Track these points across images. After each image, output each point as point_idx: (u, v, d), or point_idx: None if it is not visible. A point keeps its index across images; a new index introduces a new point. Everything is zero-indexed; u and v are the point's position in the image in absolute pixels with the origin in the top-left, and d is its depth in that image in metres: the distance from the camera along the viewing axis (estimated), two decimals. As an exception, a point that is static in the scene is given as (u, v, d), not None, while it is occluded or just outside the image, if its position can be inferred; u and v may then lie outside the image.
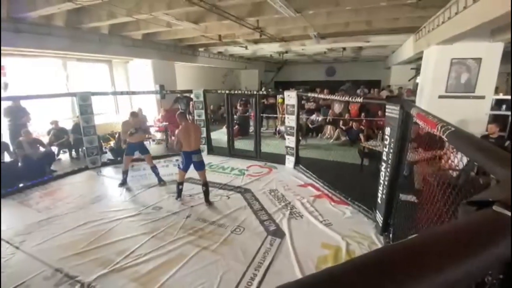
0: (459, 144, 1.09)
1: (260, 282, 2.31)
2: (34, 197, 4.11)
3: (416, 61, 8.26)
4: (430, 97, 4.87)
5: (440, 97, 4.77)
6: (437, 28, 4.47)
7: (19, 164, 4.76)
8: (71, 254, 2.70)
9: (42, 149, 5.11)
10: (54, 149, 5.84)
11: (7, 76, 5.71)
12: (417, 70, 9.44)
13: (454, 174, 3.48)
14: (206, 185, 3.77)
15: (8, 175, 4.50)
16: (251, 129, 8.35)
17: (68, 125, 6.52)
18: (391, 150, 2.65)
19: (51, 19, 4.98)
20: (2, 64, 5.63)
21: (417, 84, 9.55)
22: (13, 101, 5.25)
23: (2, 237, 3.03)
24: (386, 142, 2.75)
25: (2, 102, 5.08)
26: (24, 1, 4.24)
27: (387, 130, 2.74)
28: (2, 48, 4.96)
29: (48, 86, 6.52)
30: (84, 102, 5.20)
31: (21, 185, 4.42)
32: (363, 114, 7.33)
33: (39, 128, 6.07)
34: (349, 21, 5.43)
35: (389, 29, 5.85)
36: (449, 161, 2.93)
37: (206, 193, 3.78)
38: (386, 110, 2.72)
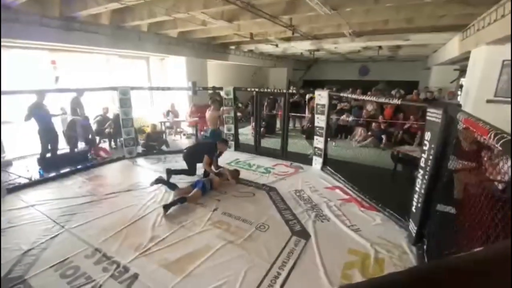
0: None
1: (283, 282, 2.31)
2: (78, 181, 4.50)
3: (460, 62, 7.63)
4: (476, 101, 4.51)
5: (489, 101, 4.38)
6: (487, 27, 4.10)
7: (68, 144, 5.26)
8: (109, 236, 2.92)
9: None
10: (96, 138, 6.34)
11: (58, 70, 6.27)
12: (461, 72, 8.72)
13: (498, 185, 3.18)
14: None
15: (56, 160, 4.99)
16: (278, 127, 8.35)
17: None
18: (431, 157, 2.49)
19: (98, 18, 5.37)
20: (54, 58, 6.21)
21: (460, 87, 8.85)
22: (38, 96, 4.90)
23: (49, 216, 3.36)
24: (425, 148, 2.59)
25: (55, 94, 5.58)
26: (76, 1, 4.63)
27: (427, 135, 2.58)
28: (55, 44, 5.48)
29: (92, 80, 7.05)
30: (124, 96, 5.55)
31: (67, 170, 4.85)
32: (398, 116, 6.97)
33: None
34: (388, 18, 5.17)
35: (432, 27, 5.47)
36: (496, 172, 2.69)
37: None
38: (427, 113, 2.55)
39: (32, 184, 4.31)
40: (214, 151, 4.35)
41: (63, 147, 5.50)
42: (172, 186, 3.93)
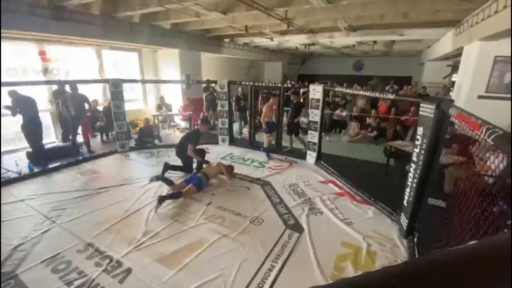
0: (508, 149, 1.01)
1: (277, 274, 2.33)
2: (69, 175, 4.42)
3: (453, 58, 7.71)
4: (467, 97, 4.56)
5: (480, 97, 4.44)
6: (481, 22, 4.13)
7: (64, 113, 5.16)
8: (101, 231, 2.89)
9: (87, 107, 5.45)
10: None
11: (49, 62, 6.09)
12: (454, 67, 8.80)
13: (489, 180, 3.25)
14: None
15: (47, 154, 4.88)
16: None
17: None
18: (423, 151, 2.52)
19: (88, 8, 5.21)
20: (43, 50, 6.02)
21: (453, 82, 8.93)
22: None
23: (40, 211, 3.30)
24: (418, 143, 2.62)
25: (47, 86, 5.45)
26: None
27: (420, 130, 2.60)
28: (44, 34, 5.29)
29: (83, 73, 6.87)
30: (116, 89, 5.43)
31: (57, 164, 4.75)
32: (392, 111, 7.03)
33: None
34: (384, 12, 5.16)
35: (427, 22, 5.49)
36: (486, 166, 2.74)
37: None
38: (420, 108, 2.57)
39: (22, 178, 4.22)
40: (197, 137, 4.47)
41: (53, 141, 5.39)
42: (168, 182, 3.89)
